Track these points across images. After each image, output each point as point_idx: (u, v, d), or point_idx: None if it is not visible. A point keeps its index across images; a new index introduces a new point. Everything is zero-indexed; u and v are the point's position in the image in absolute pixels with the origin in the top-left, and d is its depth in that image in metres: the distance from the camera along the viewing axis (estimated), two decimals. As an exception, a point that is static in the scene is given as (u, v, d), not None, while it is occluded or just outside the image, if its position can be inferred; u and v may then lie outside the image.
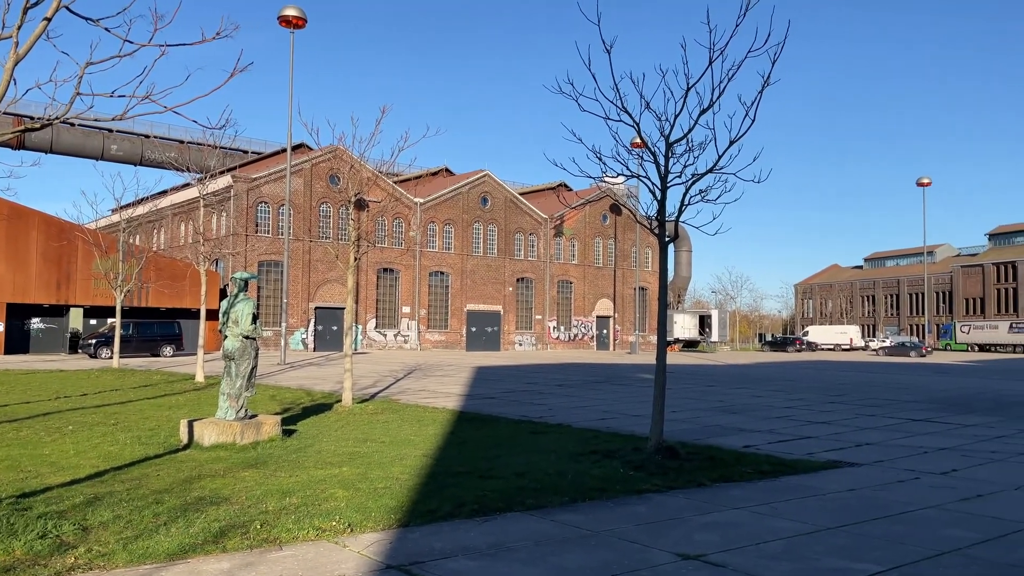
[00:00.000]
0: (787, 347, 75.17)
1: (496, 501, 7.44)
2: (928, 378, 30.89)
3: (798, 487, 8.68)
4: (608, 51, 10.43)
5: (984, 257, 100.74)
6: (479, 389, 21.89)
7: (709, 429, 13.73)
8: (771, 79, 10.22)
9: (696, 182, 10.90)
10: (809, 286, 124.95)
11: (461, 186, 60.77)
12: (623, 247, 70.27)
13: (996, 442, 12.64)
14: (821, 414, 16.57)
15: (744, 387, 24.19)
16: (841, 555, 5.98)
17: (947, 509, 7.70)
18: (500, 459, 9.94)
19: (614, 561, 5.69)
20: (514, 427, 13.30)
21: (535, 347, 63.85)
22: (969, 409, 18.08)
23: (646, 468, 9.38)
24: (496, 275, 62.14)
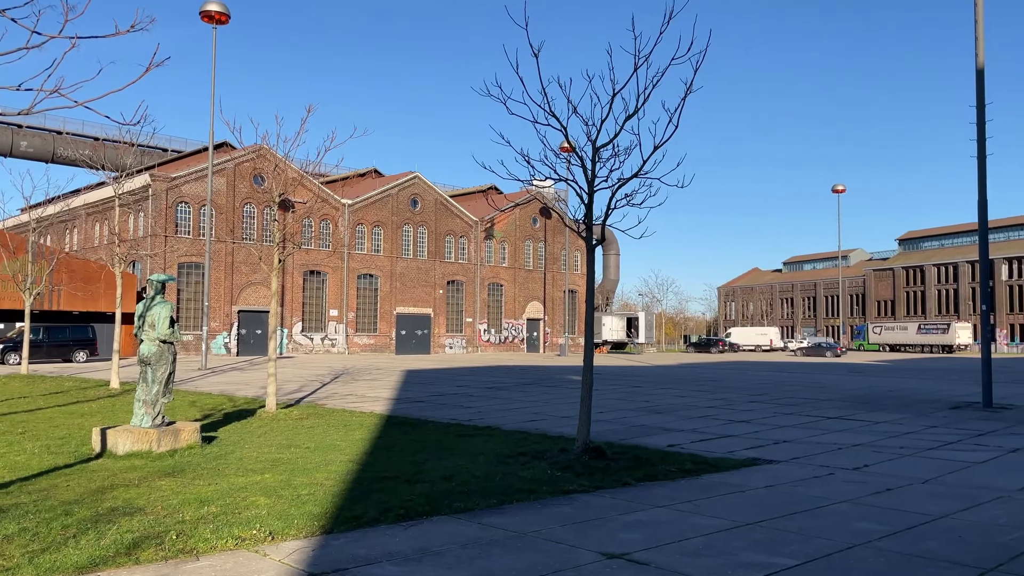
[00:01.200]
0: (711, 348, 77.09)
1: (423, 505, 7.38)
2: (842, 377, 32.14)
3: (719, 484, 8.90)
4: (536, 55, 10.50)
5: (894, 261, 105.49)
6: (408, 393, 21.71)
7: (635, 429, 13.95)
8: (693, 86, 10.48)
9: (622, 186, 11.08)
10: (731, 289, 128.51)
11: (390, 188, 60.22)
12: (553, 250, 70.86)
13: (905, 438, 13.24)
14: (742, 413, 17.04)
15: (669, 388, 24.68)
16: (759, 550, 6.15)
17: (859, 503, 8.02)
18: (428, 463, 9.87)
19: (540, 562, 5.72)
20: (443, 431, 13.24)
21: (466, 350, 63.75)
22: (880, 407, 18.88)
23: (573, 469, 9.46)
24: (426, 278, 61.81)
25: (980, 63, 19.46)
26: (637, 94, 10.43)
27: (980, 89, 19.45)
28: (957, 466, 10.41)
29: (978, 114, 19.39)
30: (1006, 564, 5.84)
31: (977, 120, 19.38)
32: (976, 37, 19.55)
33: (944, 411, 17.86)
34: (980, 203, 19.43)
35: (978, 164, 19.39)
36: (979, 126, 19.35)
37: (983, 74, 19.44)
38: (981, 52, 19.47)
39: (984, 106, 19.33)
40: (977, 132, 19.38)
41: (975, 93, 19.53)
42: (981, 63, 19.45)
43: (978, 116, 19.38)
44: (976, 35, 19.55)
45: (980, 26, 19.52)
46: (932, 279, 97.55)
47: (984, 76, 19.47)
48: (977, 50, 19.51)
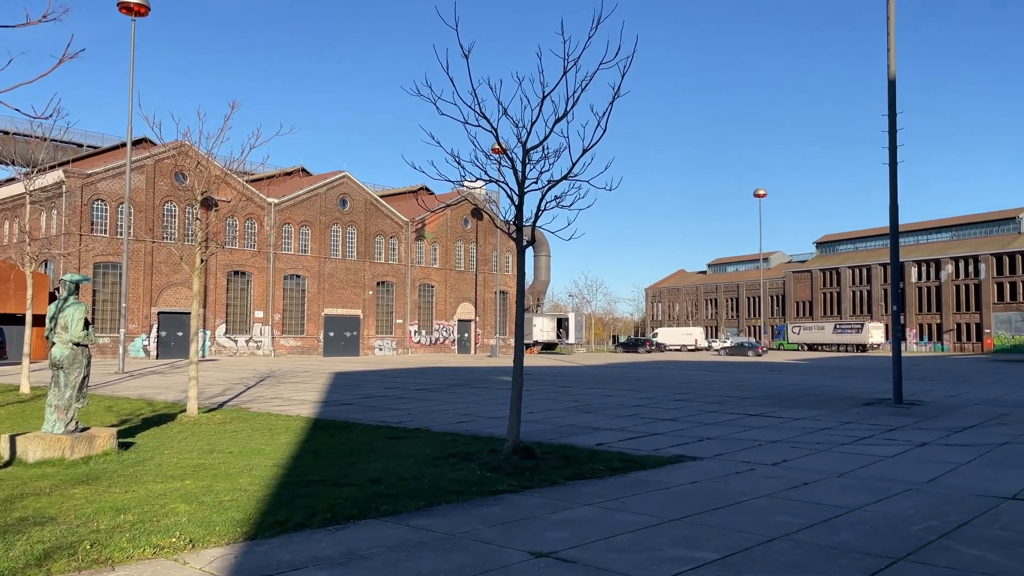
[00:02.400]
0: (638, 348, 78.45)
1: (350, 509, 7.28)
2: (763, 376, 33.16)
3: (646, 482, 9.07)
4: (466, 56, 10.49)
5: (812, 263, 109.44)
6: (336, 395, 21.39)
7: (564, 429, 14.07)
8: (621, 91, 10.65)
9: (552, 188, 11.17)
10: (658, 290, 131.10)
11: (318, 187, 59.23)
12: (484, 251, 70.91)
13: (821, 434, 13.74)
14: (668, 412, 17.39)
15: (598, 387, 25.00)
16: (683, 545, 6.29)
17: (778, 497, 8.28)
18: (356, 466, 9.75)
19: (468, 563, 5.71)
20: (371, 433, 13.09)
21: (396, 352, 63.20)
22: (798, 404, 19.56)
23: (503, 469, 9.49)
24: (355, 278, 61.01)
25: (892, 73, 20.37)
26: (567, 97, 10.54)
27: (892, 98, 20.36)
28: (869, 460, 10.87)
29: (890, 122, 20.29)
30: (914, 554, 6.12)
31: (889, 128, 20.28)
32: (888, 48, 20.45)
33: (858, 407, 18.62)
34: (891, 208, 20.33)
35: (890, 170, 20.29)
36: (891, 134, 20.25)
37: (895, 84, 20.36)
38: (893, 63, 20.38)
39: (895, 115, 20.24)
40: (889, 140, 20.28)
41: (887, 102, 20.44)
42: (893, 73, 20.36)
43: (890, 124, 20.28)
44: (888, 46, 20.46)
45: (892, 38, 20.43)
46: (847, 281, 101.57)
47: (895, 86, 20.39)
48: (889, 61, 20.41)
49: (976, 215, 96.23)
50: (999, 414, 17.26)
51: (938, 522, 7.17)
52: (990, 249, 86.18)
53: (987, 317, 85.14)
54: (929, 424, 15.27)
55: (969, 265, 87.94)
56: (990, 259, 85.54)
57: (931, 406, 19.05)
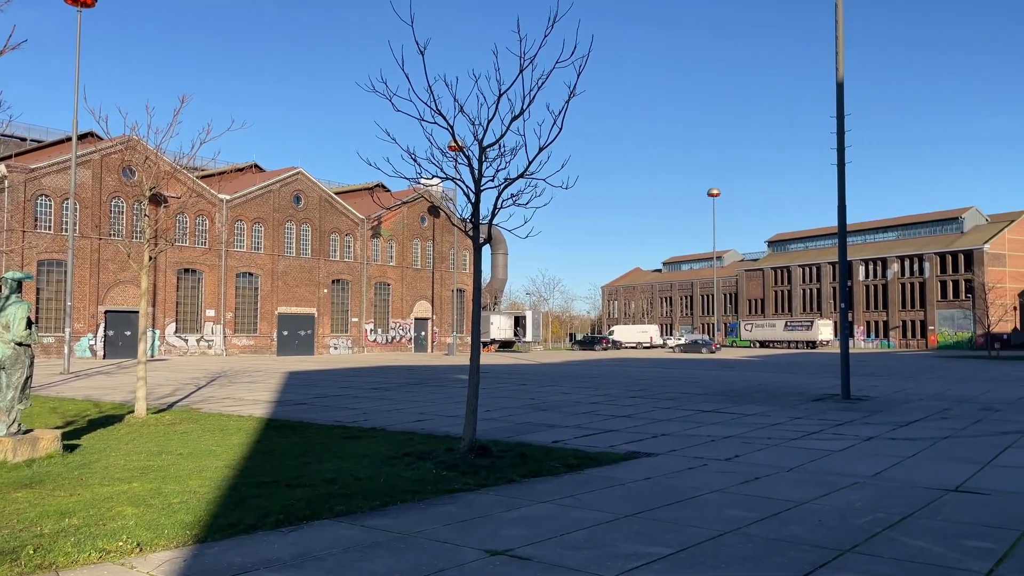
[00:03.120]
0: (595, 346, 79.02)
1: (303, 510, 7.19)
2: (716, 372, 33.68)
3: (601, 478, 9.13)
4: (422, 52, 10.44)
5: (764, 262, 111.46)
6: (290, 395, 21.11)
7: (521, 427, 14.11)
8: (577, 90, 10.70)
9: (508, 186, 11.17)
10: (615, 288, 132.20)
11: (272, 183, 58.35)
12: (441, 249, 70.67)
13: (771, 429, 14.01)
14: (624, 408, 17.55)
15: (555, 385, 25.12)
16: (637, 540, 6.36)
17: (730, 492, 8.42)
18: (309, 466, 9.63)
19: (424, 563, 5.69)
20: (326, 433, 12.95)
21: (351, 350, 62.62)
22: (750, 400, 19.91)
23: (459, 468, 9.47)
24: (310, 276, 60.28)
25: (840, 77, 20.84)
26: (523, 96, 10.54)
27: (840, 101, 20.83)
28: (818, 454, 11.11)
29: (838, 124, 20.76)
30: (860, 545, 6.28)
31: (837, 130, 20.75)
32: (836, 53, 20.92)
33: (807, 403, 19.02)
34: (839, 208, 20.81)
35: (838, 171, 20.76)
36: (839, 136, 20.72)
37: (843, 87, 20.83)
38: (841, 67, 20.85)
39: (843, 117, 20.72)
40: (837, 141, 20.75)
41: (836, 105, 20.91)
42: (841, 77, 20.83)
43: (838, 126, 20.75)
44: (836, 51, 20.92)
45: (840, 42, 20.90)
46: (798, 279, 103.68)
47: (844, 89, 20.87)
48: (837, 65, 20.88)
49: (921, 215, 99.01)
50: (942, 409, 17.80)
51: (883, 514, 7.37)
52: (934, 248, 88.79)
53: (931, 314, 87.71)
54: (875, 419, 15.67)
55: (914, 264, 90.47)
56: (934, 258, 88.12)
57: (878, 401, 19.55)
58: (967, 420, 15.47)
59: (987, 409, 17.63)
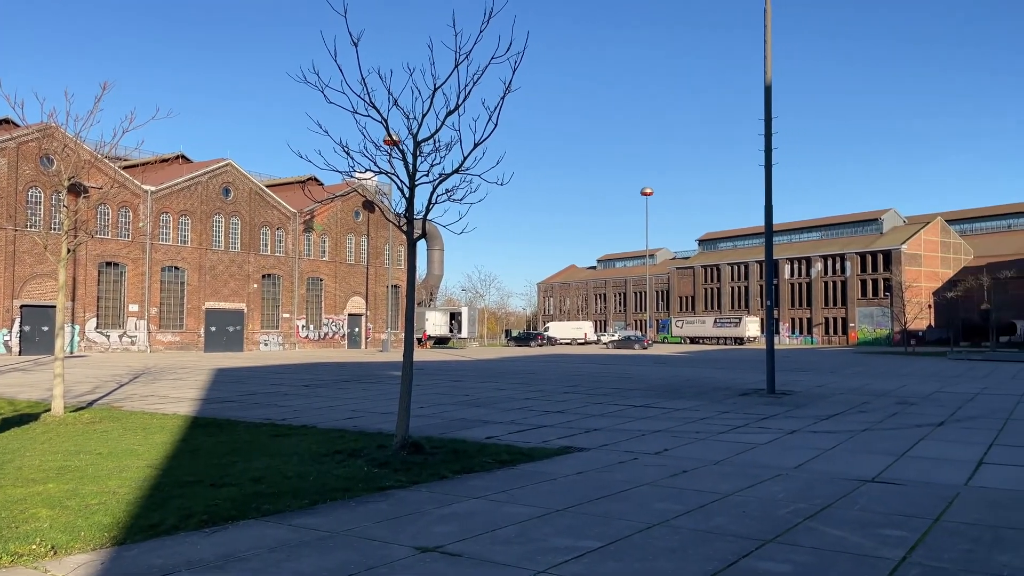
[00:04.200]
0: (530, 342, 79.43)
1: (229, 510, 7.02)
2: (648, 368, 34.26)
3: (533, 473, 9.18)
4: (355, 44, 10.28)
5: (695, 260, 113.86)
6: (217, 393, 20.58)
7: (455, 423, 14.07)
8: (512, 86, 10.70)
9: (443, 181, 11.11)
10: (550, 285, 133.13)
11: (200, 175, 56.71)
12: (376, 244, 69.89)
13: (700, 423, 14.33)
14: (557, 404, 17.69)
15: (490, 381, 25.14)
16: (568, 534, 6.41)
17: (659, 485, 8.57)
18: (236, 465, 9.40)
19: (352, 561, 5.62)
20: (254, 431, 12.67)
21: (282, 347, 61.42)
22: (680, 395, 20.32)
23: (391, 465, 9.39)
24: (239, 271, 58.83)
25: (768, 80, 21.41)
26: (458, 90, 10.50)
27: (768, 104, 21.41)
28: (744, 447, 11.41)
29: (766, 127, 21.33)
30: (782, 535, 6.47)
31: (765, 132, 21.32)
32: (765, 57, 21.48)
33: (734, 398, 19.53)
34: (766, 209, 21.40)
35: (765, 173, 21.33)
36: (766, 138, 21.30)
37: (771, 90, 21.41)
38: (769, 71, 21.43)
39: (771, 120, 21.30)
40: (765, 143, 21.32)
41: (764, 108, 21.47)
42: (769, 80, 21.41)
43: (766, 128, 21.32)
44: (765, 55, 21.49)
45: (768, 47, 21.48)
46: (727, 277, 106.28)
47: (771, 92, 21.46)
48: (766, 68, 21.45)
49: (843, 216, 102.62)
50: (861, 403, 18.51)
51: (804, 505, 7.61)
52: (855, 248, 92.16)
53: (852, 312, 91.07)
54: (798, 413, 16.19)
55: (836, 263, 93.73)
56: (855, 257, 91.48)
57: (801, 396, 20.20)
58: (884, 413, 16.12)
59: (903, 403, 18.41)
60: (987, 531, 6.64)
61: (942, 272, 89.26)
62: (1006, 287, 76.24)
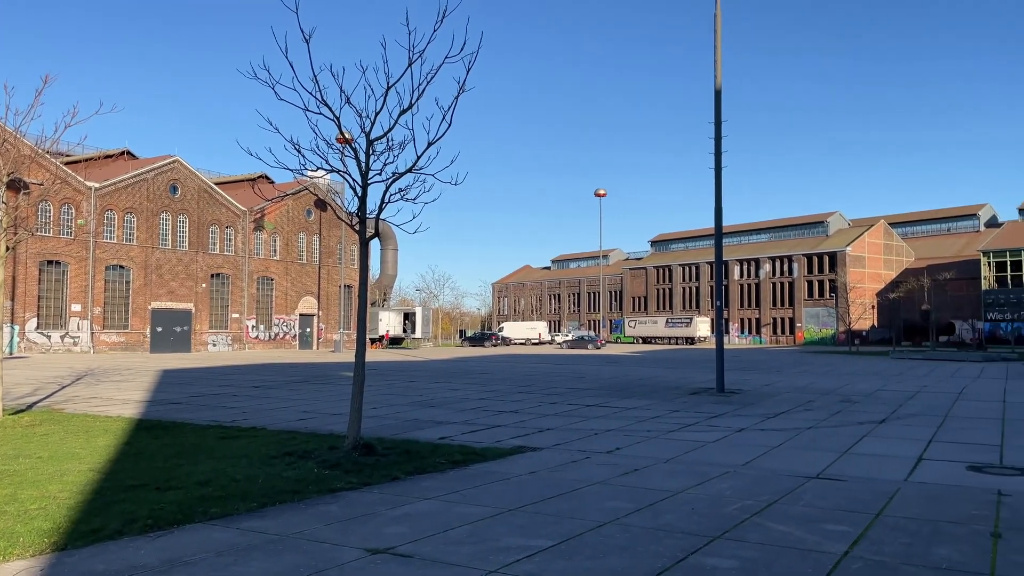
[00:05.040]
0: (484, 342, 79.43)
1: (174, 514, 6.87)
2: (601, 368, 34.54)
3: (486, 473, 9.19)
4: (307, 40, 10.17)
5: (647, 261, 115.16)
6: (163, 394, 20.13)
7: (408, 423, 14.00)
8: (466, 86, 10.69)
9: (396, 181, 11.05)
10: (505, 285, 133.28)
11: (146, 172, 55.37)
12: (329, 243, 69.10)
13: (651, 422, 14.50)
14: (511, 404, 17.73)
15: (443, 381, 25.07)
16: (520, 534, 6.43)
17: (610, 484, 8.65)
18: (182, 468, 9.21)
19: (302, 564, 5.55)
20: (201, 433, 12.42)
21: (232, 347, 60.32)
22: (632, 394, 20.53)
23: (342, 466, 9.30)
24: (187, 270, 57.61)
25: (718, 84, 21.77)
26: (412, 89, 10.45)
27: (718, 109, 21.77)
28: (693, 446, 11.59)
29: (716, 131, 21.68)
30: (730, 531, 6.59)
31: (715, 136, 21.67)
32: (715, 62, 21.84)
33: (685, 396, 19.81)
34: (716, 211, 21.76)
35: (715, 176, 21.69)
36: (716, 141, 21.65)
37: (720, 94, 21.77)
38: (719, 76, 21.79)
39: (721, 124, 21.66)
40: (715, 147, 21.67)
41: (714, 112, 21.83)
42: (719, 85, 21.77)
43: (716, 132, 21.67)
44: (715, 60, 21.85)
45: (719, 52, 21.84)
46: (679, 277, 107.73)
47: (721, 96, 21.82)
48: (716, 73, 21.81)
49: (791, 218, 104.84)
50: (806, 401, 18.94)
51: (752, 501, 7.76)
52: (802, 250, 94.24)
53: (799, 312, 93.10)
54: (747, 411, 16.50)
55: (784, 264, 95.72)
56: (802, 259, 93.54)
57: (749, 394, 20.59)
58: (828, 411, 16.52)
59: (846, 401, 18.89)
60: (926, 525, 6.85)
61: (885, 274, 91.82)
62: (945, 288, 78.80)
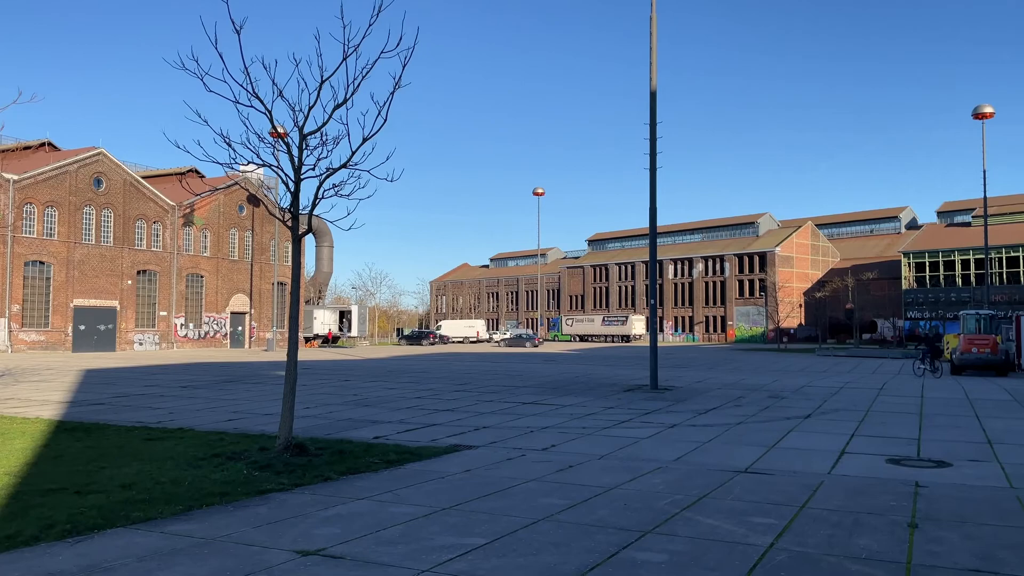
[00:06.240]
0: (422, 341, 78.92)
1: (95, 518, 6.62)
2: (538, 366, 34.73)
3: (421, 472, 9.13)
4: (238, 31, 9.94)
5: (584, 260, 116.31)
6: (86, 395, 19.38)
7: (342, 423, 13.81)
8: (403, 82, 10.60)
9: (330, 176, 10.90)
10: (443, 283, 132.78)
11: (68, 164, 53.20)
12: (262, 240, 67.63)
13: (587, 419, 14.64)
14: (447, 402, 17.66)
15: (379, 380, 24.82)
16: (454, 532, 6.41)
17: (545, 481, 8.70)
18: (105, 471, 8.88)
19: (228, 568, 5.41)
20: (125, 435, 12.00)
21: (159, 346, 58.49)
22: (568, 392, 20.70)
23: (273, 468, 9.11)
24: (112, 266, 55.60)
25: (653, 86, 22.11)
26: (347, 84, 10.32)
27: (652, 109, 22.11)
28: (627, 442, 11.75)
29: (651, 131, 22.02)
30: (661, 526, 6.70)
31: (650, 137, 22.01)
32: (651, 64, 22.18)
33: (620, 394, 20.07)
34: (651, 211, 22.10)
35: (650, 177, 22.03)
36: (651, 142, 21.99)
37: (655, 96, 22.12)
38: (654, 77, 22.13)
39: (656, 125, 22.00)
40: (650, 147, 22.00)
41: (648, 113, 22.16)
42: (654, 86, 22.11)
43: (651, 133, 22.01)
44: (651, 62, 22.18)
45: (654, 55, 22.18)
46: (615, 276, 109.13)
47: (656, 98, 22.17)
48: (652, 74, 22.14)
49: (723, 219, 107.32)
50: (736, 397, 19.41)
51: (682, 496, 7.91)
52: (733, 250, 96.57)
53: (730, 310, 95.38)
54: (679, 407, 16.81)
55: (716, 264, 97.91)
56: (733, 259, 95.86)
57: (682, 391, 20.99)
58: (757, 407, 16.97)
59: (774, 397, 19.44)
60: (847, 516, 7.09)
61: (812, 273, 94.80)
62: (868, 288, 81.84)
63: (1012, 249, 70.09)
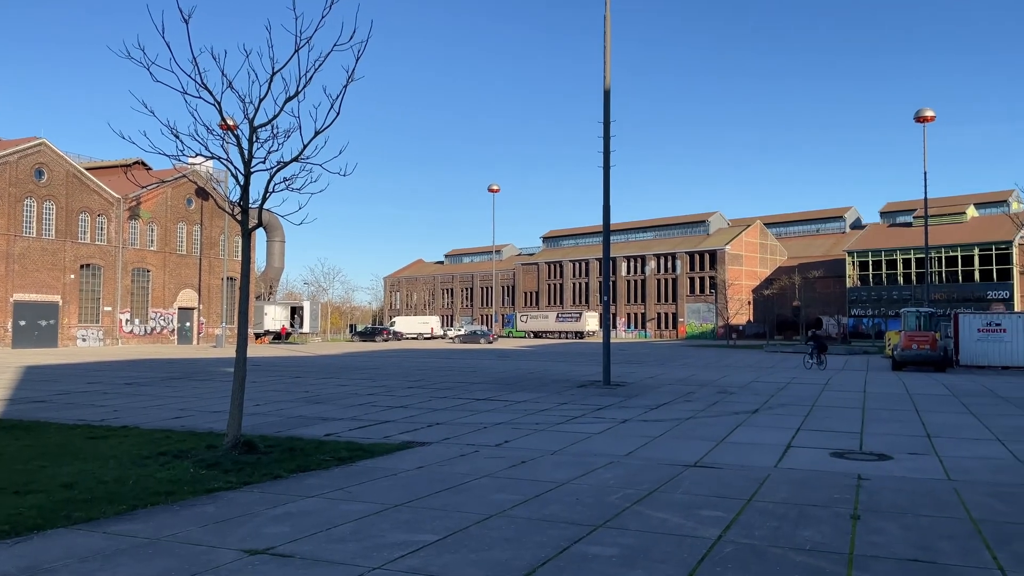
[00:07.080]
0: (375, 337, 78.31)
1: (34, 519, 6.43)
2: (492, 362, 34.75)
3: (373, 469, 9.07)
4: (186, 20, 9.73)
5: (539, 257, 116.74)
6: (26, 392, 18.79)
7: (293, 420, 13.64)
8: (356, 75, 10.51)
9: (281, 169, 10.74)
10: (397, 279, 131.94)
11: (8, 154, 51.41)
12: (211, 234, 66.30)
13: (540, 415, 14.71)
14: (400, 399, 17.56)
15: (332, 377, 24.56)
16: (405, 529, 6.38)
17: (498, 477, 8.72)
18: (45, 471, 8.63)
19: (174, 568, 5.30)
20: (67, 433, 11.67)
21: (103, 343, 56.96)
22: (521, 388, 20.76)
23: (221, 466, 8.96)
24: (54, 260, 53.92)
25: (607, 85, 22.27)
26: (299, 76, 10.17)
27: (607, 108, 22.27)
28: (580, 437, 11.84)
29: (605, 131, 22.18)
30: (612, 520, 6.77)
31: (604, 136, 22.17)
32: (604, 63, 22.33)
33: (573, 389, 20.20)
34: (604, 208, 22.27)
35: (604, 175, 22.19)
36: (605, 140, 22.15)
37: (609, 95, 22.29)
38: (608, 77, 22.29)
39: (609, 124, 22.17)
40: (604, 146, 22.17)
41: (603, 112, 22.32)
42: (608, 86, 22.27)
43: (605, 131, 22.17)
44: (605, 61, 22.33)
45: (608, 53, 22.34)
46: (569, 273, 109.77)
47: (610, 97, 22.34)
48: (606, 74, 22.29)
49: (675, 217, 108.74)
50: (687, 392, 19.70)
51: (633, 490, 8.00)
52: (685, 248, 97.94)
53: (682, 307, 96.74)
54: (631, 403, 17.00)
55: (668, 261, 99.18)
56: (685, 257, 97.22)
57: (633, 387, 21.22)
58: (707, 402, 17.25)
59: (723, 392, 19.78)
60: (793, 509, 7.26)
61: (760, 271, 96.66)
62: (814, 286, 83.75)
63: (951, 249, 72.50)
